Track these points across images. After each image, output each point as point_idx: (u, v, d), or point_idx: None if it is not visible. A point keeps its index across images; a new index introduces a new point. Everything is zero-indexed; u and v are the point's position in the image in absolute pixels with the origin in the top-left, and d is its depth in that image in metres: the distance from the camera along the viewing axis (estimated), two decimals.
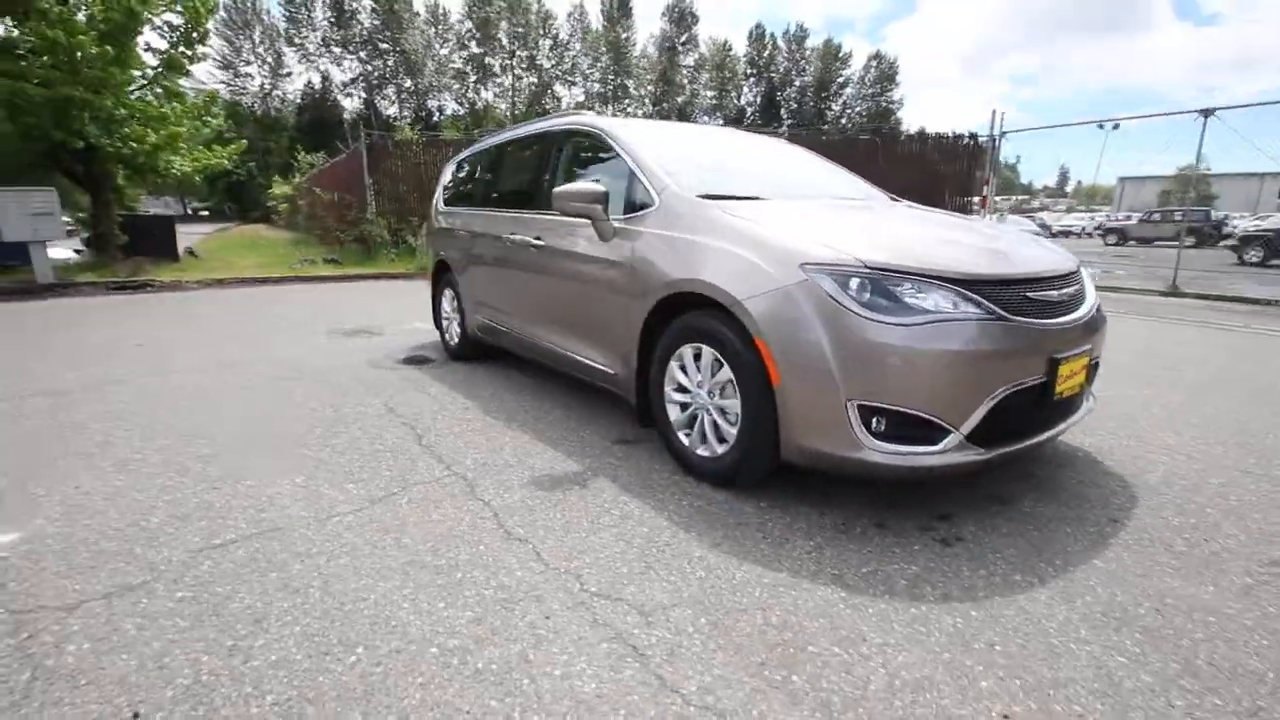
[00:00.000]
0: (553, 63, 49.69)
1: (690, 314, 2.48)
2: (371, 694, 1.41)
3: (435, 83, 47.99)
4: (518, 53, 47.36)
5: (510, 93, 51.05)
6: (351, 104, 49.16)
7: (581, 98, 54.04)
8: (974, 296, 2.04)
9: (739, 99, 60.56)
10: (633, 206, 2.88)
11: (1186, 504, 2.34)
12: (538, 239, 3.42)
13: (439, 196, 5.15)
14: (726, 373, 2.33)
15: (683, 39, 57.92)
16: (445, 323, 4.95)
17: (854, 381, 1.99)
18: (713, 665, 1.48)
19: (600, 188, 2.82)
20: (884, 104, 63.19)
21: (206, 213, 48.29)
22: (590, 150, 3.40)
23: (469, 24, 48.75)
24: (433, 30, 48.72)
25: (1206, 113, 8.98)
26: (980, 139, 12.27)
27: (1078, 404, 2.45)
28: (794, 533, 2.12)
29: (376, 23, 45.73)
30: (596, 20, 53.44)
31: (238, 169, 31.09)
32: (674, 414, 2.64)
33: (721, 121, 58.18)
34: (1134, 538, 2.10)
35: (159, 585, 1.82)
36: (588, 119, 3.41)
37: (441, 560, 1.95)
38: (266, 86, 47.69)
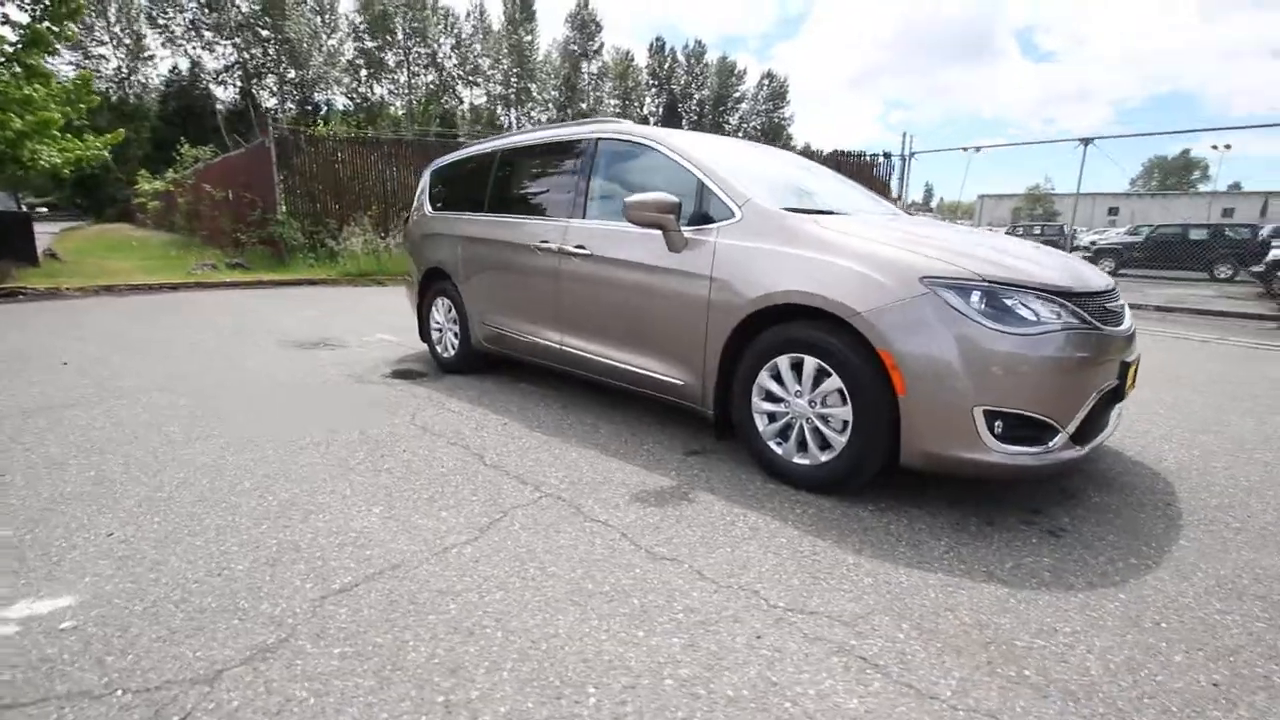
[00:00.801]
0: (454, 62, 48.04)
1: (790, 325, 2.52)
2: None
3: (323, 75, 44.81)
4: (415, 49, 45.34)
5: (407, 90, 48.78)
6: (226, 94, 44.87)
7: (484, 99, 52.73)
8: (1071, 307, 2.24)
9: (642, 108, 61.62)
10: (701, 218, 2.89)
11: (1211, 486, 2.69)
12: (579, 247, 3.33)
13: (424, 200, 4.86)
14: (834, 382, 2.39)
15: (593, 47, 58.12)
16: (436, 334, 4.68)
17: (981, 389, 2.12)
18: (950, 669, 1.53)
19: (674, 199, 2.80)
20: (776, 120, 66.88)
21: (46, 209, 42.10)
22: (632, 159, 3.37)
23: (361, 16, 46.07)
24: (319, 19, 45.54)
25: (1086, 141, 10.30)
26: (892, 158, 13.34)
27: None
28: (919, 534, 2.22)
29: (255, 7, 42.03)
30: (497, 21, 52.39)
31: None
32: (761, 424, 2.67)
33: None
34: (1194, 518, 2.38)
35: (304, 642, 1.60)
36: (632, 129, 3.37)
37: (605, 586, 1.86)
38: (124, 70, 42.41)
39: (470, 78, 49.73)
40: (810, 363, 2.46)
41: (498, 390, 4.07)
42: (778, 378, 2.59)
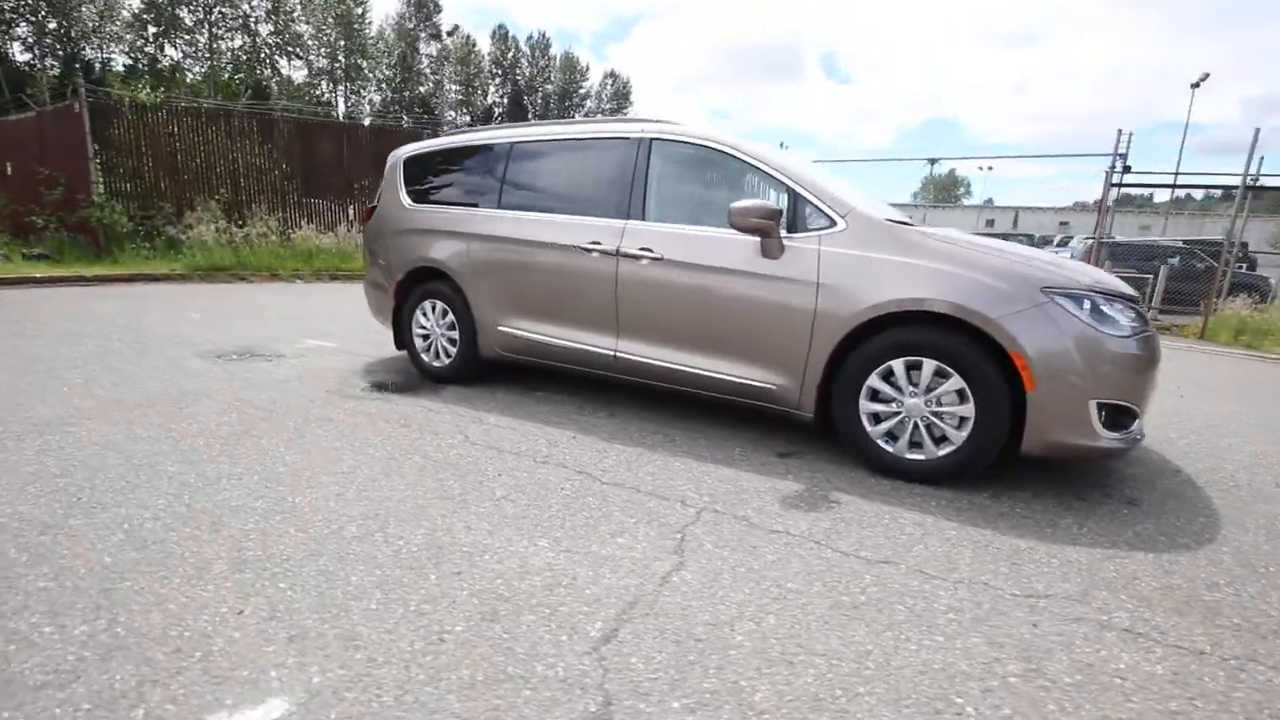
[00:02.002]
0: (271, 29, 42.32)
1: (905, 329, 2.68)
2: None
3: (97, 29, 37.05)
4: (219, 8, 39.21)
5: (208, 55, 42.12)
6: None
7: (305, 74, 47.32)
8: (1139, 310, 2.66)
9: (485, 97, 59.49)
10: (794, 225, 2.95)
11: (1228, 463, 3.30)
12: (646, 250, 3.22)
13: (397, 193, 4.33)
14: (954, 382, 2.60)
15: (432, 28, 54.62)
16: (421, 340, 4.20)
17: (1094, 384, 2.45)
18: (1188, 627, 1.77)
19: (777, 206, 2.84)
20: (620, 118, 68.18)
21: None
22: (698, 162, 3.34)
23: None
24: None
25: (933, 160, 11.96)
26: None
27: None
28: (1046, 515, 2.49)
29: None
30: None
31: None
32: (868, 423, 2.81)
33: (469, 119, 56.51)
34: (1238, 486, 2.93)
35: (634, 702, 1.41)
36: (696, 131, 3.31)
37: (860, 597, 1.86)
38: None
39: (289, 47, 44.26)
40: (929, 364, 2.64)
41: (520, 400, 3.78)
42: (887, 379, 2.74)
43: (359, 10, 47.67)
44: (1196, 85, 28.29)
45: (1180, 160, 31.71)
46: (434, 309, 4.11)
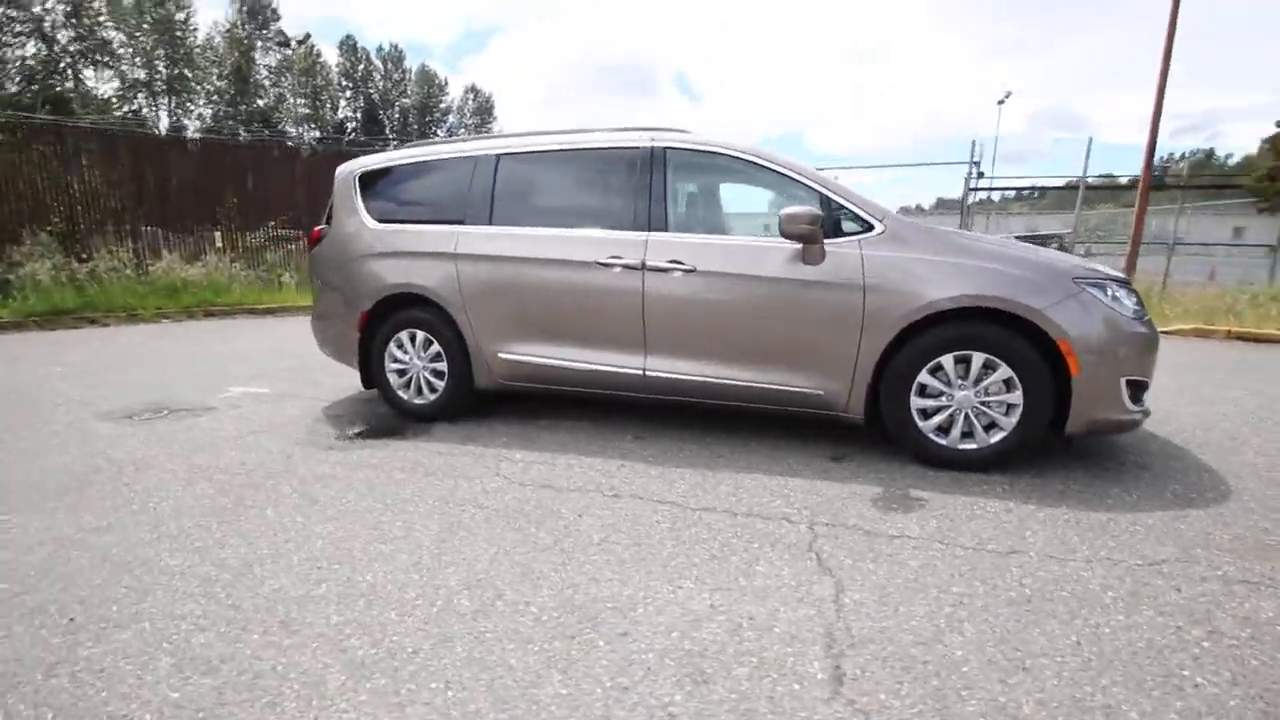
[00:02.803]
0: (74, 34, 36.36)
1: (952, 325, 2.79)
2: None
3: None
4: (4, 10, 33.05)
5: None
6: None
7: (117, 84, 41.38)
8: (1137, 294, 2.97)
9: (336, 111, 55.61)
10: (831, 231, 2.98)
11: (1174, 423, 3.76)
12: (675, 262, 3.11)
13: (355, 213, 3.87)
14: (1003, 372, 2.74)
15: (268, 37, 50.04)
16: (397, 376, 3.76)
17: (1124, 363, 2.69)
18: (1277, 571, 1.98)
19: (820, 212, 2.85)
20: (484, 133, 66.65)
21: None
22: (717, 171, 3.30)
23: None
24: None
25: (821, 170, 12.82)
26: None
27: None
28: (1091, 488, 2.69)
29: None
30: None
31: None
32: (919, 419, 2.90)
33: (318, 135, 52.54)
34: (1207, 444, 3.32)
35: None
36: (711, 140, 3.24)
37: (1025, 590, 1.88)
38: None
39: (95, 55, 38.38)
40: (979, 357, 2.77)
41: (529, 431, 3.49)
42: (936, 374, 2.84)
43: (181, 16, 42.59)
44: (1001, 102, 33.00)
45: (994, 165, 36.55)
46: (413, 340, 3.70)
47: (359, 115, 57.30)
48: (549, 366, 3.44)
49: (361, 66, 57.78)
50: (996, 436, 2.81)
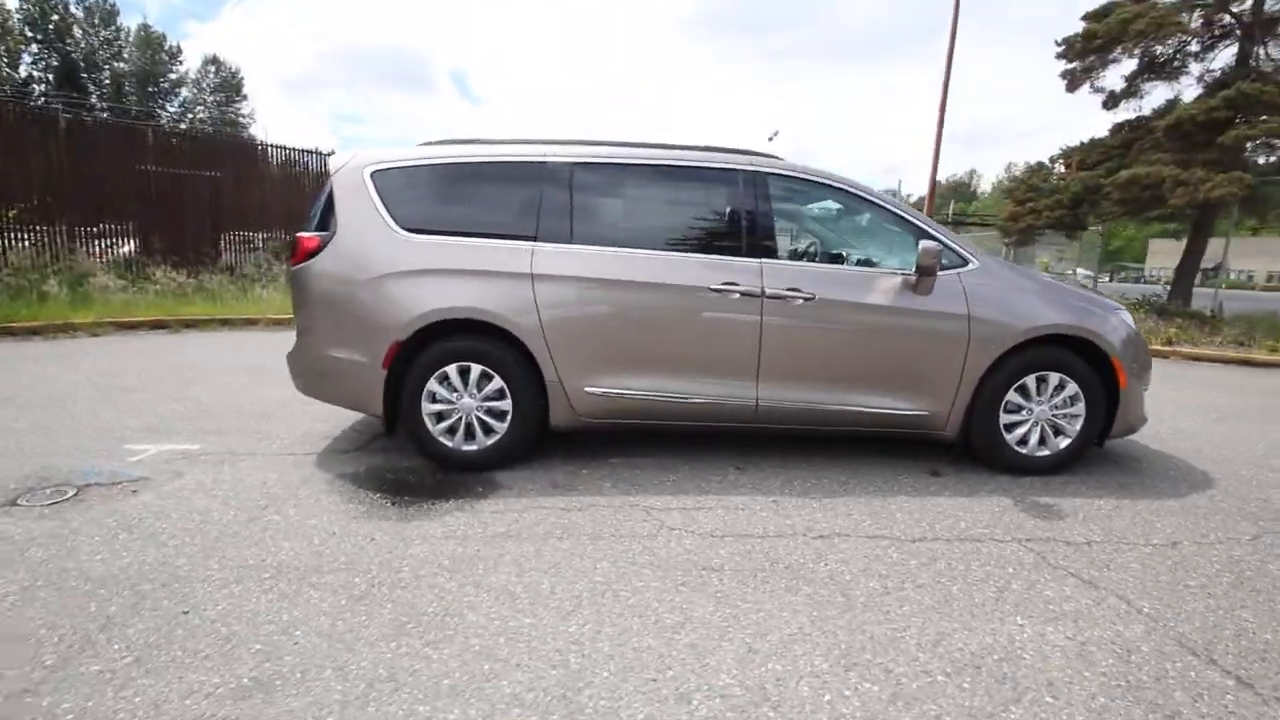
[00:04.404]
0: None
1: (1031, 349, 3.18)
2: None
3: None
4: None
5: None
6: None
7: None
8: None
9: (17, 69, 43.01)
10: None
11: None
12: (793, 290, 3.07)
13: (379, 216, 3.11)
14: (1072, 388, 3.22)
15: None
16: (435, 419, 3.10)
17: (1145, 375, 3.35)
18: None
19: (941, 247, 3.07)
20: (232, 115, 57.22)
21: None
22: (817, 201, 3.33)
23: None
24: None
25: None
26: None
27: None
28: (1111, 479, 3.29)
29: None
30: None
31: None
32: (1005, 433, 3.26)
33: None
34: (1159, 437, 4.21)
35: None
36: (817, 169, 3.27)
37: (1247, 573, 2.24)
38: None
39: None
40: (1054, 376, 3.21)
41: (622, 471, 3.13)
42: (1021, 392, 3.23)
43: None
44: (770, 139, 37.86)
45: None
46: (464, 375, 3.08)
47: (50, 76, 45.07)
48: (648, 400, 3.13)
49: (56, 18, 45.68)
50: (1064, 444, 3.29)
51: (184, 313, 8.13)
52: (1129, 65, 11.85)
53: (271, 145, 10.23)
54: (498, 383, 3.08)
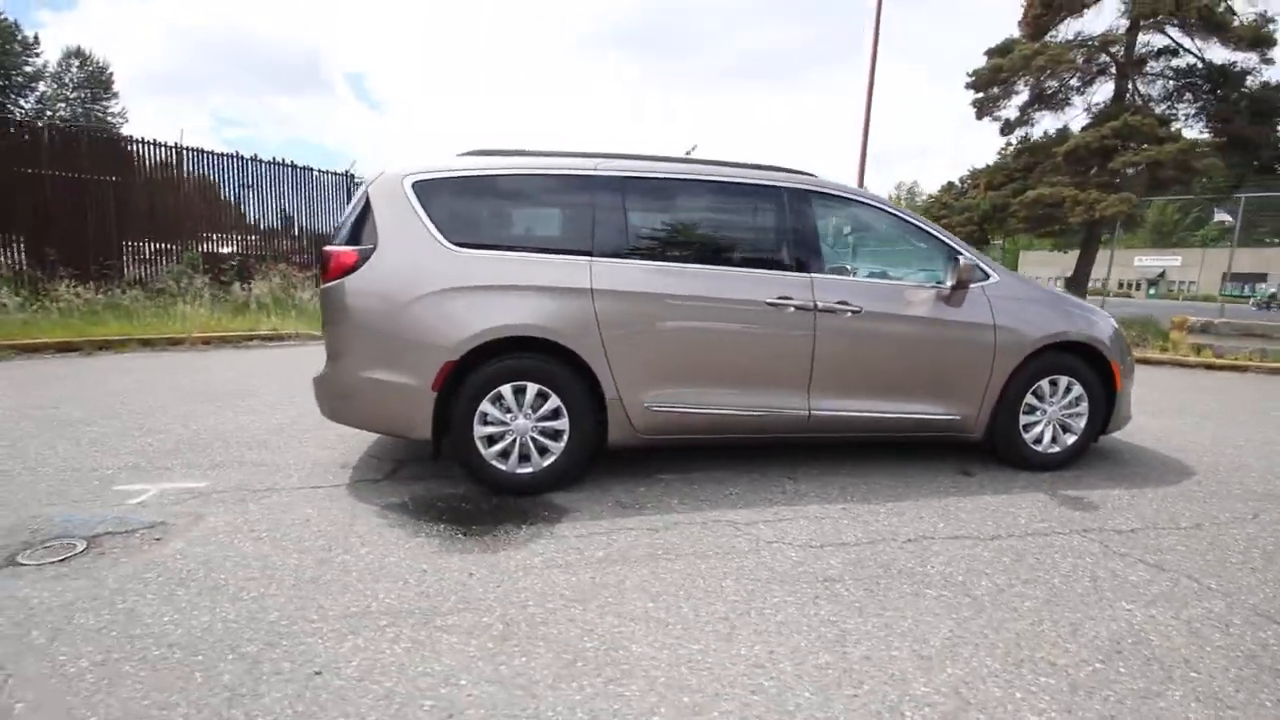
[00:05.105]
0: None
1: (1048, 355, 3.47)
2: None
3: None
4: None
5: None
6: None
7: None
8: None
9: None
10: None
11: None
12: (842, 303, 3.18)
13: (426, 229, 2.93)
14: (1078, 389, 3.54)
15: None
16: (487, 441, 2.95)
17: (1131, 374, 3.74)
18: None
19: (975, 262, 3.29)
20: (100, 114, 51.62)
21: None
22: (853, 218, 3.48)
23: None
24: None
25: None
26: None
27: None
28: (1126, 471, 3.65)
29: None
30: None
31: None
32: (1023, 432, 3.53)
33: None
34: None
35: None
36: (854, 187, 3.41)
37: None
38: None
39: None
40: (1064, 380, 3.51)
41: (679, 487, 3.11)
42: (1035, 394, 3.51)
43: None
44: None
45: None
46: (519, 395, 2.96)
47: None
48: (707, 415, 3.13)
49: None
50: (1071, 440, 3.60)
51: (95, 333, 7.21)
52: (1025, 97, 13.26)
53: (188, 149, 9.32)
54: (554, 402, 2.98)
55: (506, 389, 2.94)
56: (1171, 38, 11.67)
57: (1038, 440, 3.55)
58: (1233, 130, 11.24)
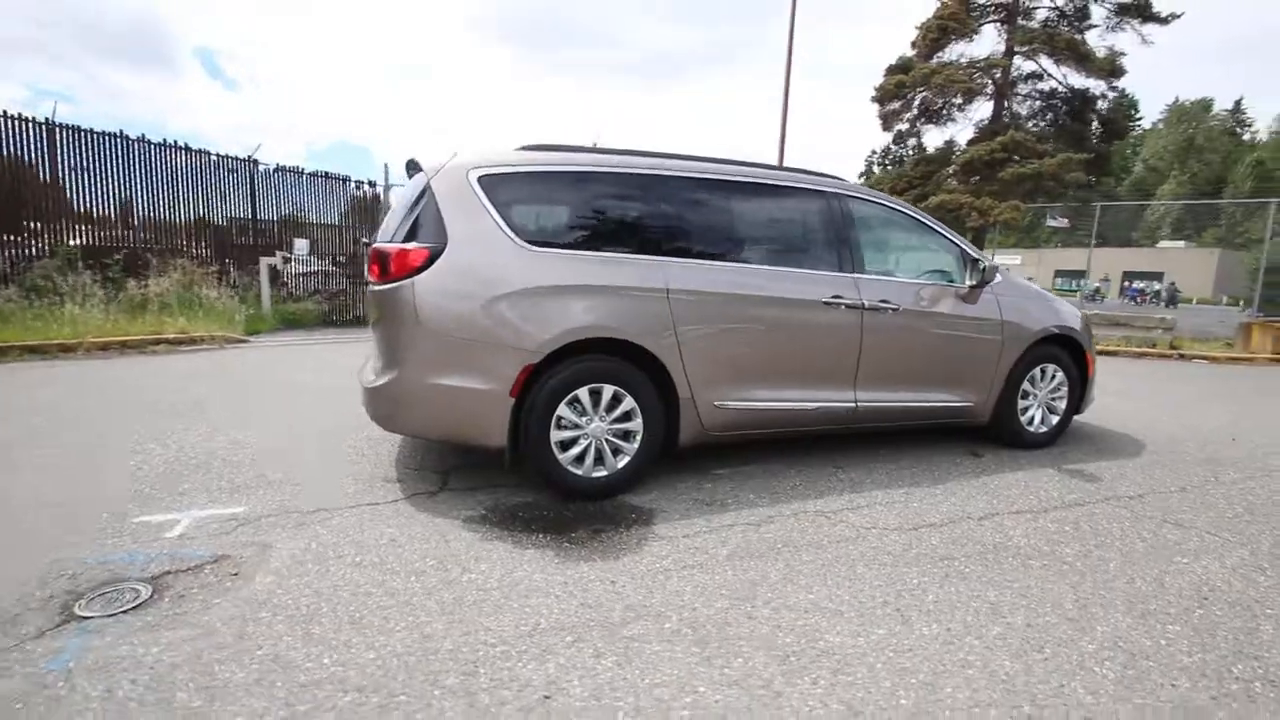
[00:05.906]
0: None
1: (1040, 346, 3.91)
2: None
3: None
4: None
5: None
6: None
7: None
8: None
9: None
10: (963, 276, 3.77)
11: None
12: (884, 302, 3.41)
13: (497, 227, 2.78)
14: (1060, 376, 4.02)
15: None
16: (561, 449, 2.87)
17: (1095, 363, 4.30)
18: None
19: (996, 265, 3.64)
20: None
21: None
22: (882, 221, 3.69)
23: None
24: None
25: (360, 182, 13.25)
26: (378, 187, 12.56)
27: None
28: (1117, 449, 4.19)
29: None
30: None
31: None
32: (1021, 415, 3.95)
33: None
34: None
35: None
36: (886, 195, 3.64)
37: None
38: None
39: None
40: (1051, 368, 3.98)
41: (740, 479, 3.20)
42: (1030, 381, 3.95)
43: None
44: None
45: None
46: (595, 397, 2.90)
47: None
48: (769, 410, 3.24)
49: None
50: (1054, 420, 4.08)
51: None
52: (914, 111, 14.60)
53: (62, 126, 7.95)
54: (628, 403, 2.95)
55: (583, 391, 2.87)
56: (1040, 65, 13.53)
57: (1030, 421, 3.99)
58: (1088, 147, 13.24)
